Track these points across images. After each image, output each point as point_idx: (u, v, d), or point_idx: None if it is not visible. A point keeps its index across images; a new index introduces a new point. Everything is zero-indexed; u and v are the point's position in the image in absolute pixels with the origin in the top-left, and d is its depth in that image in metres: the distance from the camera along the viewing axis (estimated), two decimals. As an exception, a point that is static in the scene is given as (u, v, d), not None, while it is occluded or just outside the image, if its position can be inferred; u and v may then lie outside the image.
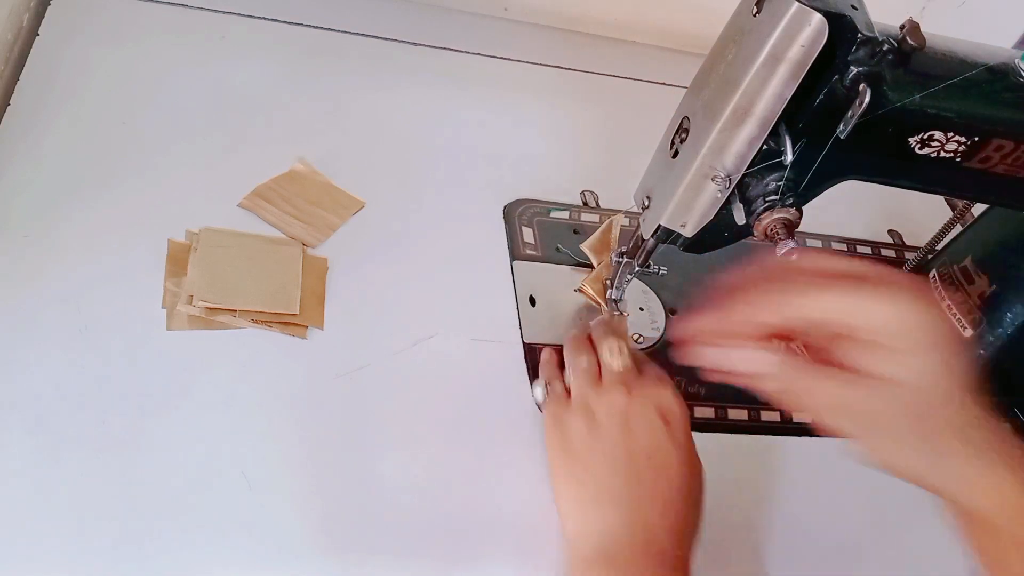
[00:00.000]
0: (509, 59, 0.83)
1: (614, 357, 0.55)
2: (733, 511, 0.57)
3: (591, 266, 0.66)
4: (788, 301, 0.42)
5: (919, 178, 0.52)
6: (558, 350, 0.59)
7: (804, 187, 0.49)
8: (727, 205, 0.51)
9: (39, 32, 0.68)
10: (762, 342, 0.43)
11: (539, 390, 0.57)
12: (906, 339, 0.40)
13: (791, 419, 0.63)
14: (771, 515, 0.57)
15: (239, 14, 0.75)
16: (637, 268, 0.59)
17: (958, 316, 0.66)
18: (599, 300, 0.64)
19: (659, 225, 0.53)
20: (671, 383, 0.54)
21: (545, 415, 0.55)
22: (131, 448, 0.49)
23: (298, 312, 0.56)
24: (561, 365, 0.58)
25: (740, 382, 0.43)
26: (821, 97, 0.45)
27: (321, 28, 0.78)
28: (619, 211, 0.71)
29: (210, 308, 0.55)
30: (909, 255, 0.77)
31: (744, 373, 0.43)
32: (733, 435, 0.61)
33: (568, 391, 0.55)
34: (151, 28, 0.72)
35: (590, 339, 0.58)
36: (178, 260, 0.57)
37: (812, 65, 0.44)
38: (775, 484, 0.59)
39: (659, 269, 0.60)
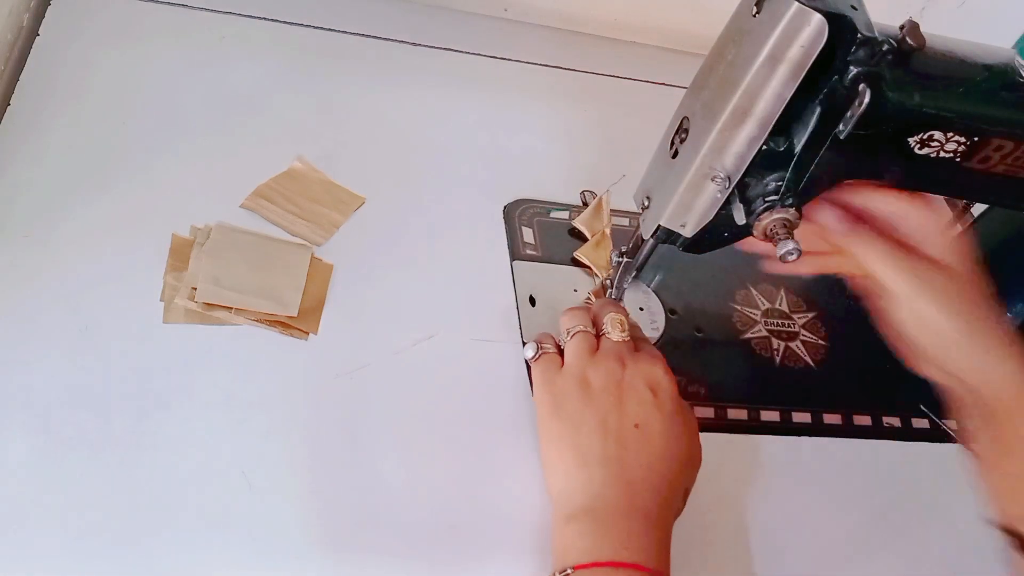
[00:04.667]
0: (509, 59, 0.83)
1: (614, 329, 0.56)
2: (732, 510, 0.57)
3: (590, 267, 0.66)
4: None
5: (919, 178, 0.52)
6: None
7: (804, 187, 0.49)
8: (727, 205, 0.51)
9: (39, 32, 0.68)
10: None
11: (531, 348, 0.56)
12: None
13: (791, 419, 0.63)
14: (771, 515, 0.57)
15: (239, 14, 0.75)
16: (635, 272, 0.59)
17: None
18: (595, 266, 0.64)
19: (659, 225, 0.53)
20: (663, 359, 0.55)
21: (535, 373, 0.55)
22: (131, 448, 0.49)
23: (296, 316, 0.56)
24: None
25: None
26: (821, 97, 0.45)
27: (321, 28, 0.78)
28: (608, 190, 0.71)
29: (208, 304, 0.55)
30: (909, 255, 0.77)
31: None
32: (733, 435, 0.61)
33: (561, 354, 0.56)
34: (151, 28, 0.72)
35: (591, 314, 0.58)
36: (180, 254, 0.57)
37: (812, 65, 0.44)
38: (774, 484, 0.59)
39: (655, 276, 0.60)
